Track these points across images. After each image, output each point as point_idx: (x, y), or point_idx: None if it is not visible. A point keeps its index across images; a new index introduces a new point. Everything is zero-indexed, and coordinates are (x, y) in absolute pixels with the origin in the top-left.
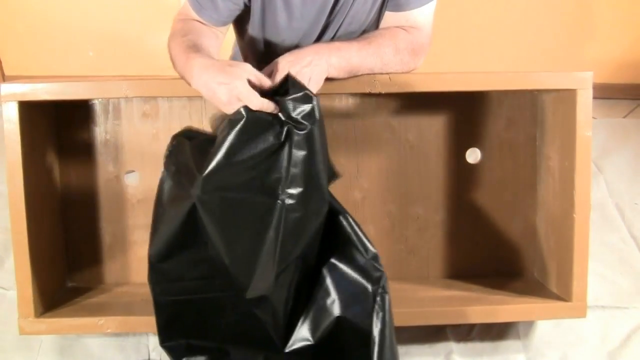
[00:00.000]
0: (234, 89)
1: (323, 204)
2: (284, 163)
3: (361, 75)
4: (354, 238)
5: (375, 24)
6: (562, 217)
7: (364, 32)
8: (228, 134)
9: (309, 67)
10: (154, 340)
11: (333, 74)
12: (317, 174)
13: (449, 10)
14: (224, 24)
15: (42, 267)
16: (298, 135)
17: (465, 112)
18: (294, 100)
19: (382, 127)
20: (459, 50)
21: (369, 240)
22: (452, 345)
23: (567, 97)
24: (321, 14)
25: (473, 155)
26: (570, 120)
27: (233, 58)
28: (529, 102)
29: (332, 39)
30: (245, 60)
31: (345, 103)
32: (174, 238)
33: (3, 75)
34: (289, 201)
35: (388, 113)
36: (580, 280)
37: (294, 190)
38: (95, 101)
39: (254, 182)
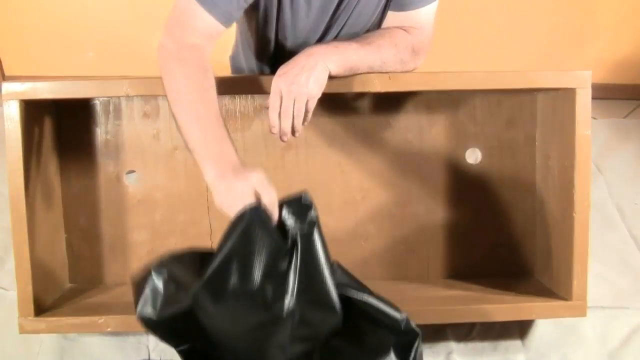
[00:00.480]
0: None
1: (332, 315)
2: (290, 274)
3: (360, 74)
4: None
5: (378, 24)
6: (562, 217)
7: (367, 32)
8: (229, 236)
9: (303, 71)
10: (154, 340)
11: (332, 71)
12: (322, 280)
13: (449, 9)
14: (232, 22)
15: (42, 266)
16: (301, 242)
17: (465, 112)
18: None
19: (382, 126)
20: (458, 49)
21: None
22: (453, 345)
23: (566, 96)
24: (324, 14)
25: (473, 156)
26: (569, 119)
27: (233, 58)
28: (528, 102)
29: (335, 38)
30: (247, 59)
31: (345, 102)
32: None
33: (3, 75)
34: (294, 314)
35: (388, 113)
36: (580, 279)
37: (298, 302)
38: (96, 101)
39: (256, 291)
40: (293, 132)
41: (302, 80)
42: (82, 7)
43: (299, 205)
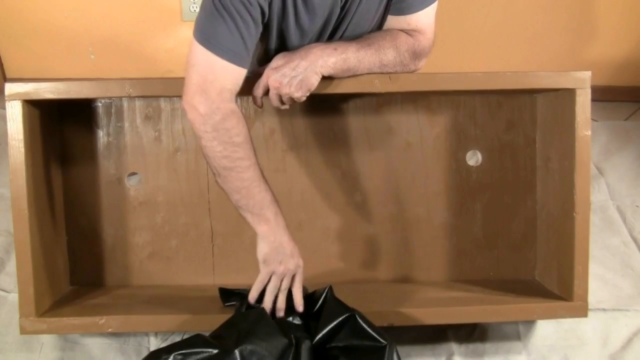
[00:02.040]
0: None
1: None
2: None
3: (360, 74)
4: None
5: (379, 28)
6: (562, 217)
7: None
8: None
9: (292, 72)
10: (154, 342)
11: (330, 72)
12: None
13: (449, 11)
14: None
15: (43, 267)
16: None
17: (465, 114)
18: None
19: (383, 128)
20: (459, 50)
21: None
22: (454, 347)
23: (566, 97)
24: (327, 25)
25: (474, 158)
26: (569, 120)
27: None
28: (528, 104)
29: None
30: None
31: (346, 104)
32: None
33: (4, 77)
34: None
35: (388, 114)
36: (581, 279)
37: None
38: (98, 103)
39: None
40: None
41: (287, 81)
42: (83, 10)
43: None
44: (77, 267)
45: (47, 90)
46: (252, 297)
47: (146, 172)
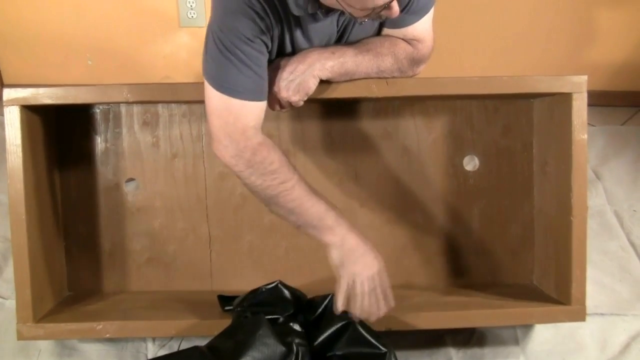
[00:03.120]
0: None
1: None
2: None
3: (357, 79)
4: None
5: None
6: (559, 221)
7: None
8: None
9: (289, 76)
10: (152, 348)
11: (327, 76)
12: None
13: (447, 16)
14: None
15: (41, 273)
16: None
17: (462, 119)
18: None
19: (380, 134)
20: (456, 56)
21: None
22: (452, 352)
23: (562, 101)
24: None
25: (471, 163)
26: (566, 124)
27: None
28: (525, 108)
29: None
30: None
31: (343, 109)
32: None
33: (2, 83)
34: None
35: (385, 120)
36: (579, 283)
37: None
38: (96, 109)
39: None
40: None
41: (284, 85)
42: (80, 16)
43: None
44: (75, 272)
45: (45, 96)
46: (340, 306)
47: (144, 178)
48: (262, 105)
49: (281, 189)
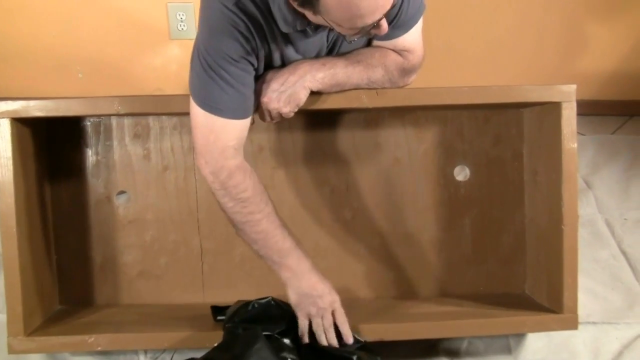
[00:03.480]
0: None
1: None
2: None
3: (347, 90)
4: None
5: None
6: (550, 230)
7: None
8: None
9: (281, 87)
10: None
11: (318, 87)
12: None
13: (437, 28)
14: (252, 111)
15: (32, 286)
16: None
17: (453, 129)
18: None
19: (371, 145)
20: (447, 67)
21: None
22: None
23: (551, 110)
24: None
25: (462, 173)
26: (555, 133)
27: None
28: (515, 118)
29: None
30: None
31: (334, 120)
32: None
33: None
34: None
35: (376, 131)
36: (571, 291)
37: None
38: (87, 122)
39: None
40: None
41: (275, 96)
42: (71, 28)
43: None
44: (67, 285)
45: (35, 108)
46: (305, 340)
47: (135, 191)
48: (245, 123)
49: (249, 218)
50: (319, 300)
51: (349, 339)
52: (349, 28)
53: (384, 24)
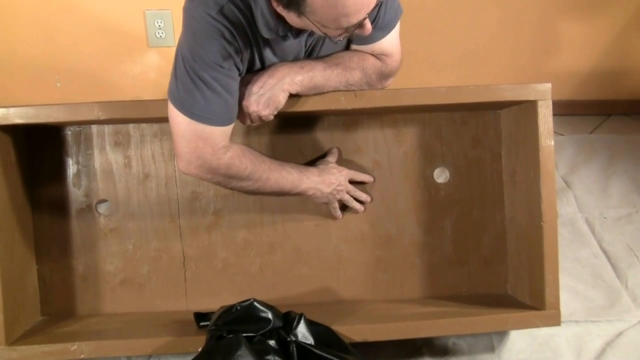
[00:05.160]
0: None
1: None
2: None
3: (326, 92)
4: None
5: None
6: (530, 228)
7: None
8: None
9: (259, 90)
10: None
11: (297, 90)
12: None
13: (414, 31)
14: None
15: (13, 296)
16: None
17: (431, 132)
18: None
19: (350, 148)
20: (424, 69)
21: None
22: None
23: (528, 109)
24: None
25: (442, 175)
26: (532, 131)
27: None
28: (492, 120)
29: None
30: None
31: (313, 123)
32: None
33: None
34: None
35: (355, 134)
36: (552, 288)
37: None
38: (67, 130)
39: None
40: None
41: (254, 99)
42: (48, 37)
43: None
44: (48, 296)
45: (15, 115)
46: (339, 215)
47: (116, 199)
48: (231, 126)
49: (260, 183)
50: (338, 187)
51: (367, 177)
52: (334, 28)
53: (368, 23)
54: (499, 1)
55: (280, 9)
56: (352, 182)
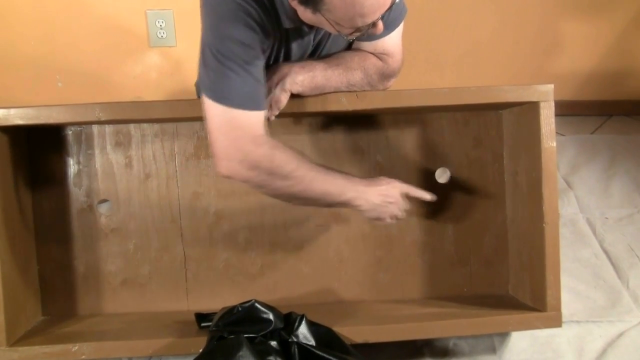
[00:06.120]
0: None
1: None
2: None
3: (327, 93)
4: None
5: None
6: (532, 229)
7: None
8: None
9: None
10: None
11: (298, 90)
12: None
13: (416, 31)
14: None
15: (14, 297)
16: None
17: (433, 132)
18: None
19: (351, 148)
20: (426, 70)
21: None
22: None
23: (530, 110)
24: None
25: (444, 176)
26: (534, 132)
27: (198, 85)
28: (494, 120)
29: None
30: None
31: (314, 124)
32: None
33: None
34: None
35: (357, 135)
36: (554, 289)
37: None
38: (68, 131)
39: None
40: None
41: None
42: (49, 37)
43: None
44: (49, 296)
45: (16, 116)
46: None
47: (117, 199)
48: (264, 112)
49: (306, 182)
50: (389, 199)
51: (428, 196)
52: (348, 27)
53: (380, 23)
54: (500, 1)
55: (295, 4)
56: (409, 197)
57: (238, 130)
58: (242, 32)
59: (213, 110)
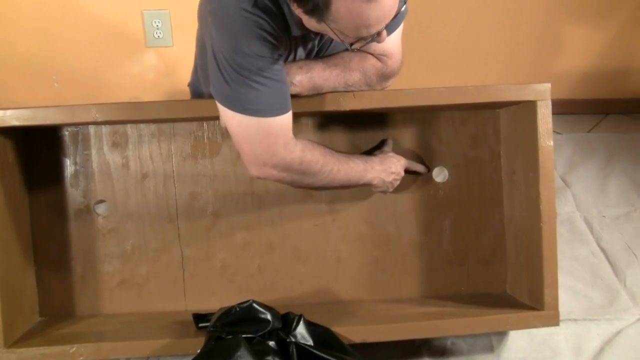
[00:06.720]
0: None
1: None
2: None
3: (325, 93)
4: None
5: None
6: (529, 228)
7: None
8: None
9: None
10: None
11: (295, 90)
12: None
13: (412, 31)
14: None
15: (11, 298)
16: None
17: (431, 131)
18: None
19: (349, 148)
20: (423, 70)
21: None
22: None
23: (527, 109)
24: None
25: (441, 175)
26: (531, 131)
27: (192, 84)
28: (491, 119)
29: None
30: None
31: (312, 124)
32: None
33: None
34: None
35: (354, 134)
36: (551, 288)
37: None
38: (65, 131)
39: None
40: None
41: None
42: (46, 37)
43: None
44: (47, 296)
45: (12, 117)
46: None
47: (114, 199)
48: (291, 112)
49: (332, 176)
50: (397, 176)
51: (424, 169)
52: (352, 37)
53: (384, 33)
54: (497, 1)
55: (299, 12)
56: (406, 171)
57: (270, 137)
58: (258, 46)
59: (242, 122)
